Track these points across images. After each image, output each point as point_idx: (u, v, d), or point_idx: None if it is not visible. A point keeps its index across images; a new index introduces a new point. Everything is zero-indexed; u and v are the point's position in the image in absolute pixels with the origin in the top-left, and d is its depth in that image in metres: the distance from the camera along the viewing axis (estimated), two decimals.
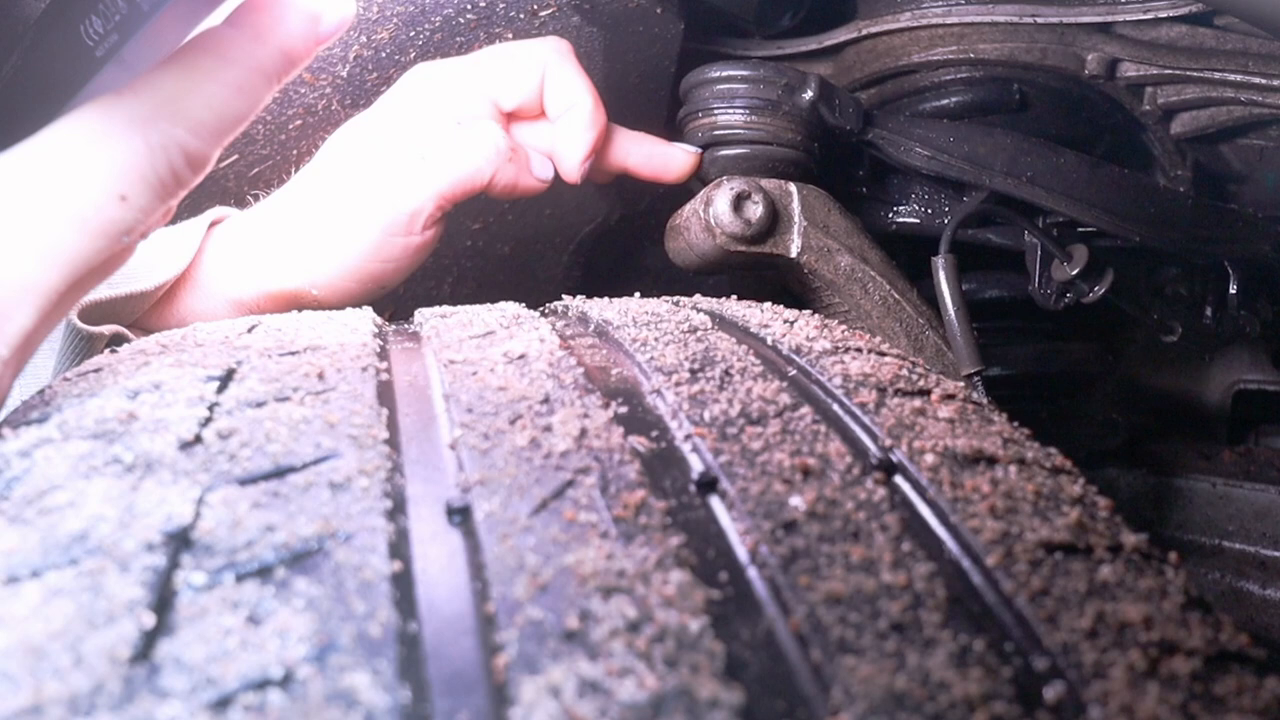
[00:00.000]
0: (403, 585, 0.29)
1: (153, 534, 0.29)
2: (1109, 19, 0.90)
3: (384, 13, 0.79)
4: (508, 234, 1.06)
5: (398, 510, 0.32)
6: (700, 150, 0.73)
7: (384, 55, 0.81)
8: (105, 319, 0.58)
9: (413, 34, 0.81)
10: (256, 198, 0.71)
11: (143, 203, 0.39)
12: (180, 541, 0.29)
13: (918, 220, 0.87)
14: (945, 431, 0.40)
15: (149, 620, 0.26)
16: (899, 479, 0.37)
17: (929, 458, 0.37)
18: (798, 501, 0.34)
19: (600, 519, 0.32)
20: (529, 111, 0.71)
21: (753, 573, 0.31)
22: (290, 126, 0.87)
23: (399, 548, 0.30)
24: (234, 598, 0.27)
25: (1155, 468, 1.10)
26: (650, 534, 0.31)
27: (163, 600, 0.27)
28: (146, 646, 0.26)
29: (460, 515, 0.32)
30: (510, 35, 0.82)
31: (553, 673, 0.26)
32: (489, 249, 1.08)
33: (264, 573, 0.28)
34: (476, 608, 0.28)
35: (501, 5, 0.81)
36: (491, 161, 0.68)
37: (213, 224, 0.68)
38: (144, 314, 0.63)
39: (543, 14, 0.82)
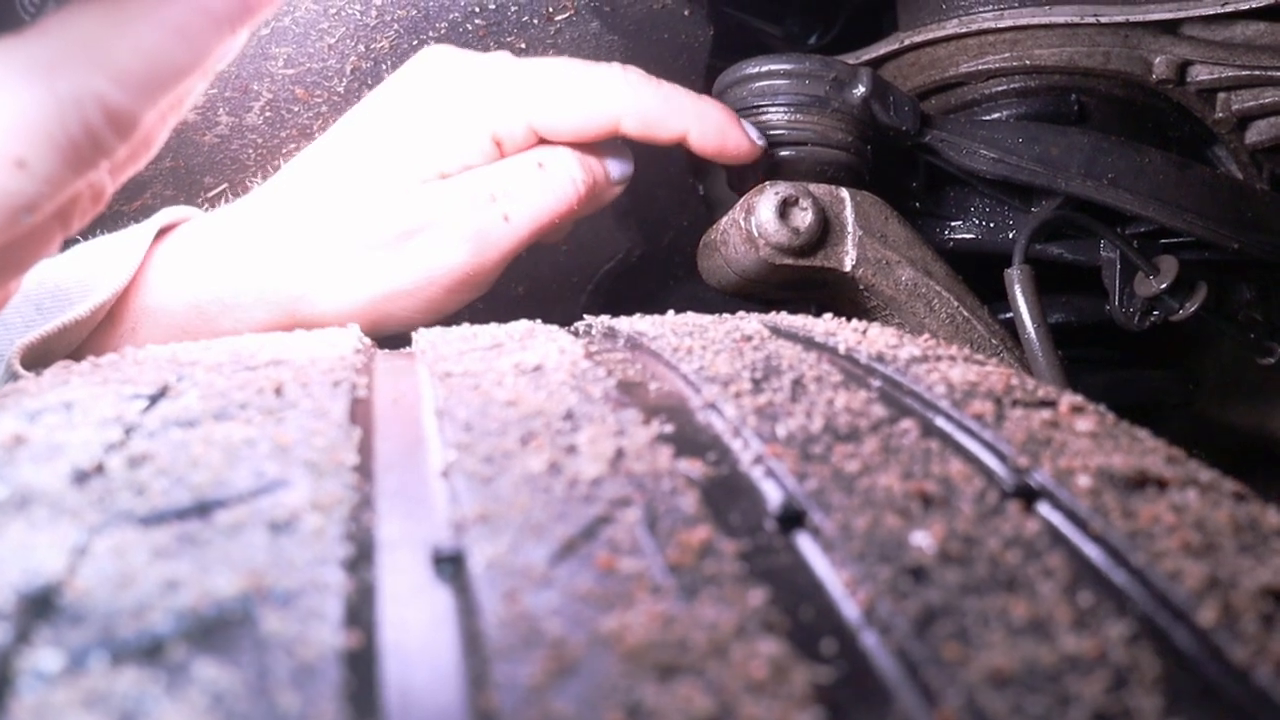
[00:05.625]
0: (361, 667, 0.19)
1: (2, 596, 0.20)
2: (1179, 14, 0.82)
3: (383, 18, 0.71)
4: (522, 273, 0.98)
5: (362, 558, 0.23)
6: (766, 144, 0.63)
7: (385, 68, 0.74)
8: (40, 360, 0.48)
9: (415, 43, 0.73)
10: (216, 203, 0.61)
11: (48, 170, 0.30)
12: (39, 606, 0.20)
13: (976, 236, 0.78)
14: (1091, 448, 0.30)
15: None
16: (1045, 507, 0.27)
17: (1082, 479, 0.28)
18: (923, 539, 0.24)
19: (650, 566, 0.22)
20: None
21: (870, 639, 0.22)
22: (284, 151, 0.79)
23: (360, 612, 0.21)
24: (100, 690, 0.18)
25: None
26: (722, 587, 0.22)
27: None
28: None
29: (451, 564, 0.23)
30: (523, 43, 0.75)
31: None
32: (502, 290, 1.00)
33: (153, 652, 0.19)
34: (471, 700, 0.19)
35: (514, 9, 0.73)
36: (576, 204, 0.58)
37: (166, 228, 0.57)
38: (88, 345, 0.52)
39: (559, 19, 0.74)
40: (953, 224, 0.78)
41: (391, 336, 0.79)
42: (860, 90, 0.63)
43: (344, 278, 0.56)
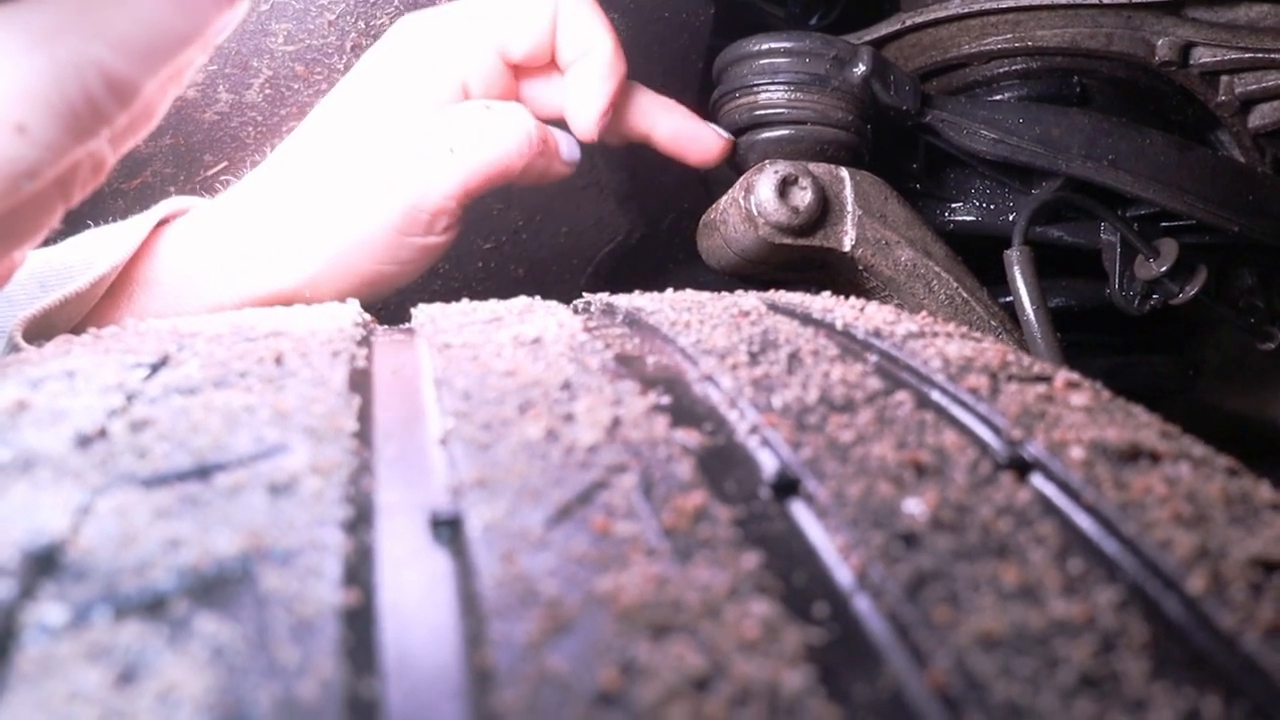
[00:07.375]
0: (359, 625, 0.20)
1: (6, 553, 0.20)
2: None
3: None
4: (521, 254, 0.98)
5: (361, 521, 0.23)
6: (734, 138, 0.65)
7: None
8: (42, 334, 0.49)
9: None
10: (225, 184, 0.63)
11: (48, 136, 0.31)
12: (43, 563, 0.20)
13: (976, 218, 0.78)
14: (1085, 421, 0.31)
15: None
16: (1038, 478, 0.28)
17: (1075, 451, 0.28)
18: (915, 507, 0.24)
19: (645, 530, 0.23)
20: (538, 61, 0.61)
21: (863, 603, 0.22)
22: (284, 129, 0.79)
23: (358, 571, 0.21)
24: (104, 643, 0.18)
25: None
26: (716, 550, 0.22)
27: None
28: None
29: (448, 528, 0.23)
30: None
31: None
32: (501, 271, 1.00)
33: (155, 607, 0.19)
34: (467, 657, 0.19)
35: None
36: (523, 154, 0.59)
37: (169, 217, 0.58)
38: (88, 320, 0.53)
39: None
40: (953, 205, 0.78)
41: (390, 316, 0.79)
42: (861, 69, 0.63)
43: (306, 237, 0.58)
